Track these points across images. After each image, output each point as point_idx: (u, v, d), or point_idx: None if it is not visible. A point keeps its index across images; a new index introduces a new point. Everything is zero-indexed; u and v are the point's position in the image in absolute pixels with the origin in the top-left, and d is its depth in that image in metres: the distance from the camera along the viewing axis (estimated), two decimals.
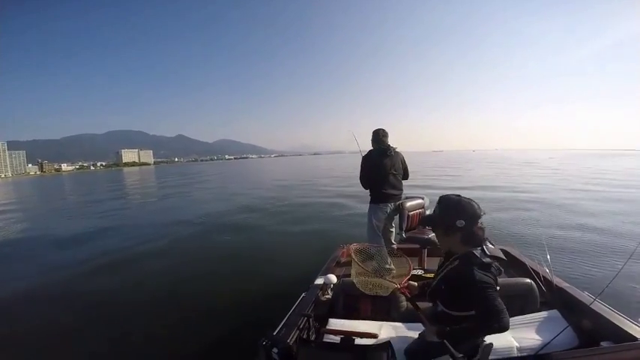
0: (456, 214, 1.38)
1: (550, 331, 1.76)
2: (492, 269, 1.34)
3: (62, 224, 11.95)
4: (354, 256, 1.92)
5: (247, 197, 16.03)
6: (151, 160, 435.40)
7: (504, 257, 2.93)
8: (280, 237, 7.83)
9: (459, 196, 1.44)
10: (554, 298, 2.13)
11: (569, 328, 1.76)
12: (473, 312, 1.32)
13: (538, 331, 1.81)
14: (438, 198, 1.76)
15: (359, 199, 12.20)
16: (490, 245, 1.44)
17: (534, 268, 2.53)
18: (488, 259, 1.36)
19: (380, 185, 3.34)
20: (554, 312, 1.92)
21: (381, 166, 3.32)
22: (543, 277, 2.32)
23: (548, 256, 2.37)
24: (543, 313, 1.92)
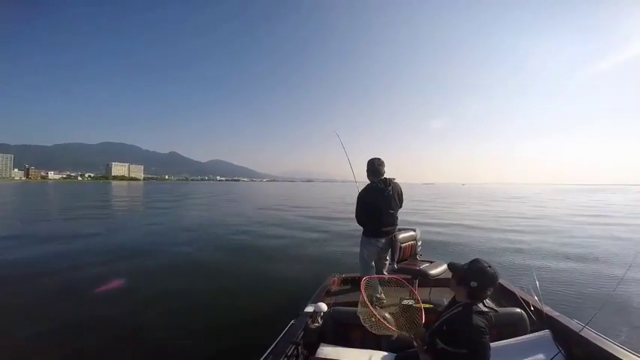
0: (472, 276, 1.67)
1: (541, 357, 1.78)
2: (487, 317, 1.64)
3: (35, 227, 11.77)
4: (365, 298, 1.99)
5: (235, 224, 15.26)
6: (141, 175, 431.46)
7: (496, 309, 3.09)
8: (269, 264, 7.51)
9: (490, 266, 1.68)
10: (544, 326, 2.15)
11: (559, 354, 1.79)
12: (465, 351, 1.58)
13: (529, 358, 1.82)
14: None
15: (350, 229, 12.22)
16: (488, 301, 1.72)
17: (524, 298, 2.55)
18: (485, 309, 1.67)
19: (375, 223, 3.33)
20: (546, 338, 1.95)
21: (378, 205, 3.29)
22: (533, 306, 2.34)
23: (538, 285, 2.41)
24: (535, 339, 1.95)
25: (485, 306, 1.69)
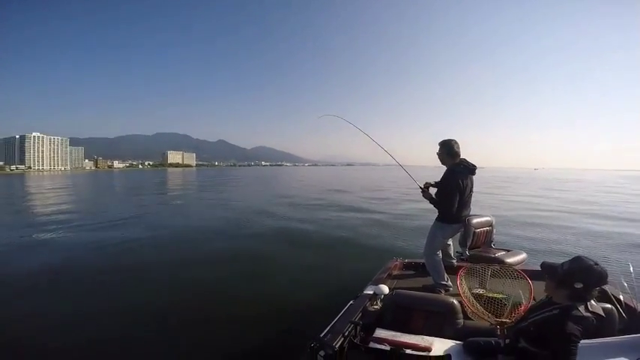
0: (576, 277, 1.44)
1: (630, 359, 1.62)
2: (587, 322, 1.43)
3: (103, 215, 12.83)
4: (461, 289, 1.92)
5: (289, 204, 16.08)
6: (194, 162, 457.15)
7: (603, 314, 2.78)
8: (328, 246, 7.72)
9: (596, 263, 1.46)
10: (636, 324, 1.99)
11: None
12: (547, 353, 1.45)
13: (617, 358, 1.66)
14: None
15: (407, 212, 12.75)
16: (594, 303, 1.49)
17: (614, 293, 2.35)
18: (587, 314, 1.45)
19: (460, 208, 3.06)
20: (635, 340, 1.76)
21: (466, 188, 3.06)
22: (625, 303, 2.16)
23: (634, 277, 2.18)
24: (625, 339, 1.78)
25: (587, 310, 1.47)
